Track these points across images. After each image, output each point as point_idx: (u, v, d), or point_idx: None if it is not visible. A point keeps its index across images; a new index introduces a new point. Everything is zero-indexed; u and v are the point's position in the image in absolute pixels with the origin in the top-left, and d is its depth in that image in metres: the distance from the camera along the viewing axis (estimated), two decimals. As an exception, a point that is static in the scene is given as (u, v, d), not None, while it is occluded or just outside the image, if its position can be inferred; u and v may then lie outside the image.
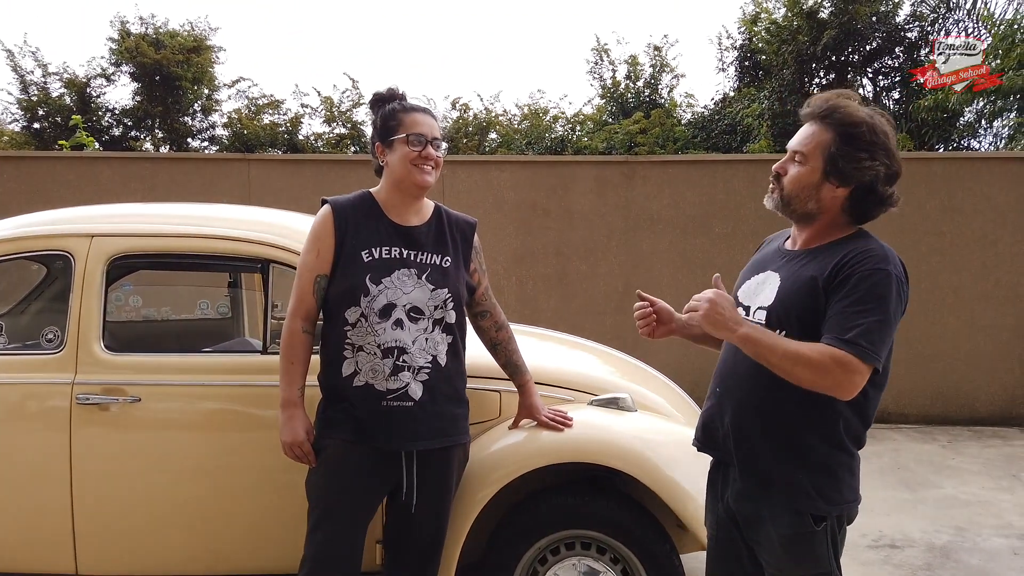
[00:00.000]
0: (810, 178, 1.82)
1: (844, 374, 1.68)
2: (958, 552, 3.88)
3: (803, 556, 1.83)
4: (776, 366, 1.74)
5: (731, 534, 1.97)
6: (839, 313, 1.72)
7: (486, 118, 13.11)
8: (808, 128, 1.85)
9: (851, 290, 1.71)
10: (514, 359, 2.59)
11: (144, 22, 15.42)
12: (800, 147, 1.84)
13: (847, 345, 1.68)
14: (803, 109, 1.89)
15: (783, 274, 1.88)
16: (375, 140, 2.37)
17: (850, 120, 1.79)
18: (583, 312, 6.67)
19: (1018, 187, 6.46)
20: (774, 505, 1.83)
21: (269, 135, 12.03)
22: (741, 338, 1.77)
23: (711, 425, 1.97)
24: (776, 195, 1.89)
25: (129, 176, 6.69)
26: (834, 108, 1.82)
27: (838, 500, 1.82)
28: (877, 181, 1.79)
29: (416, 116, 2.32)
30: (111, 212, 2.96)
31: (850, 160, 1.78)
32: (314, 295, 2.30)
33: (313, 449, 2.31)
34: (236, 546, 2.69)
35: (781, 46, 11.39)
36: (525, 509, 2.65)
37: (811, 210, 1.85)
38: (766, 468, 1.84)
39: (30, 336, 2.97)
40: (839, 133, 1.79)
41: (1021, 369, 6.49)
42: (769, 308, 1.85)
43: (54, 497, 2.62)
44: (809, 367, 1.70)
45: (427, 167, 2.30)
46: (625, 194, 6.72)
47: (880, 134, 1.79)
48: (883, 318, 1.70)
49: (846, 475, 1.83)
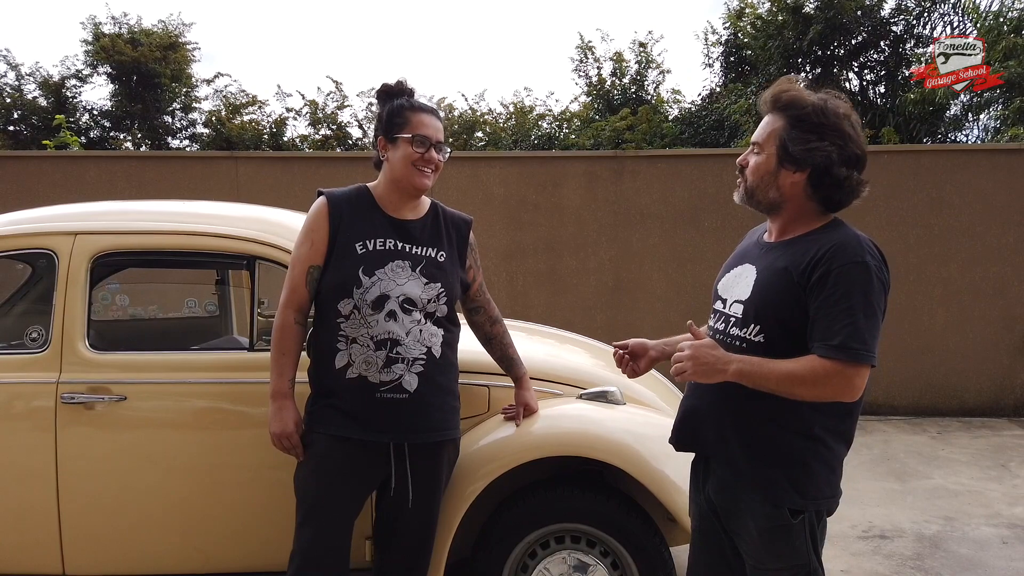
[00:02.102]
0: (767, 166, 1.84)
1: (842, 381, 1.67)
2: (947, 542, 3.90)
3: (781, 548, 1.82)
4: (776, 391, 1.73)
5: (713, 526, 1.97)
6: (824, 316, 1.70)
7: (472, 118, 13.07)
8: (765, 119, 1.88)
9: (831, 290, 1.70)
10: (509, 353, 2.60)
11: (117, 21, 15.39)
12: (758, 138, 1.87)
13: (837, 352, 1.67)
14: (760, 103, 1.90)
15: (759, 266, 1.88)
16: (379, 133, 2.35)
17: (797, 104, 1.81)
18: (574, 307, 6.67)
19: (1005, 179, 6.49)
20: (751, 498, 1.83)
21: (252, 136, 11.97)
22: (735, 376, 1.76)
23: (687, 421, 1.97)
24: (741, 188, 1.91)
25: (116, 175, 6.66)
26: (782, 94, 1.84)
27: (814, 494, 1.79)
28: (831, 163, 1.78)
29: (423, 117, 2.31)
30: (95, 210, 2.94)
31: (799, 143, 1.78)
32: (307, 286, 2.29)
33: (301, 443, 2.30)
34: (224, 544, 2.67)
35: (767, 41, 11.41)
36: (514, 504, 2.64)
37: (773, 198, 1.85)
38: (741, 462, 1.84)
39: (14, 336, 2.95)
40: (788, 118, 1.81)
41: (1009, 360, 6.53)
42: (746, 301, 1.85)
43: (40, 497, 2.60)
44: (806, 385, 1.69)
45: (427, 170, 2.30)
46: (615, 189, 6.72)
47: (831, 116, 1.79)
48: (868, 313, 1.68)
49: (822, 469, 1.80)
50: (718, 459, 1.90)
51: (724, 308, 1.91)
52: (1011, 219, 6.48)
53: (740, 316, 1.84)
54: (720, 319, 1.92)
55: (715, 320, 1.94)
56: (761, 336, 1.80)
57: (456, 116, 12.94)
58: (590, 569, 2.63)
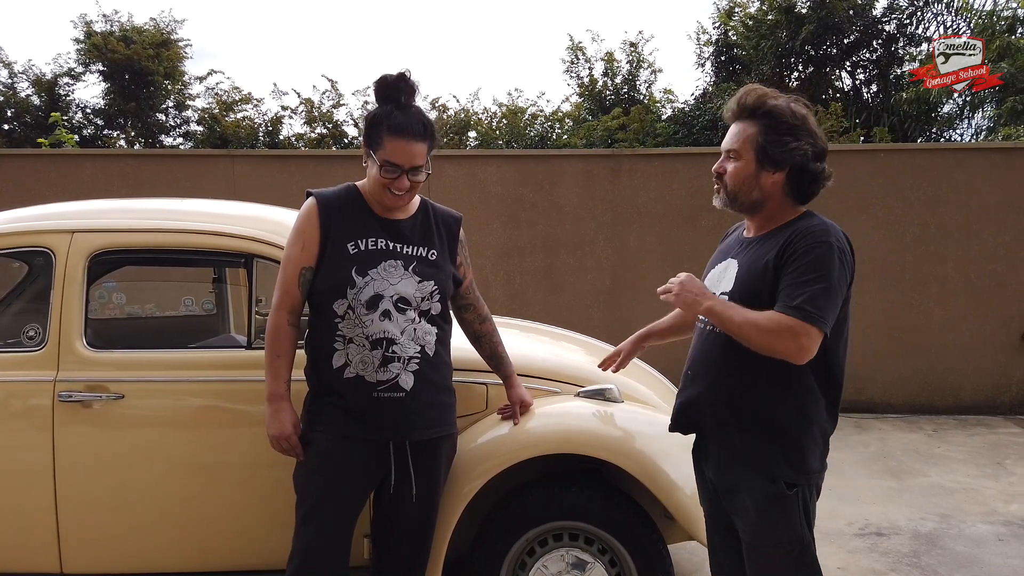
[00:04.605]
0: (747, 170, 1.97)
1: (792, 338, 1.82)
2: (943, 539, 3.92)
3: (777, 521, 1.94)
4: (736, 335, 1.88)
5: (722, 508, 2.09)
6: (788, 285, 1.86)
7: (465, 118, 13.03)
8: (735, 127, 2.00)
9: (796, 263, 1.86)
10: (498, 351, 2.59)
11: (108, 19, 15.33)
12: (732, 145, 1.99)
13: (794, 311, 1.82)
14: (726, 112, 2.04)
15: (741, 260, 2.02)
16: (363, 137, 2.32)
17: (771, 110, 1.94)
18: (571, 306, 6.67)
19: (1000, 178, 6.51)
20: (748, 474, 1.95)
21: (248, 134, 11.92)
22: (706, 310, 1.93)
23: (687, 407, 2.08)
24: (722, 193, 2.03)
25: (112, 173, 6.64)
26: (754, 102, 1.96)
27: (806, 469, 1.93)
28: (807, 160, 1.93)
29: (398, 144, 2.19)
30: (92, 208, 2.93)
31: (778, 145, 1.93)
32: (299, 288, 2.29)
33: (300, 443, 2.30)
34: (223, 542, 2.67)
35: (760, 41, 11.42)
36: (513, 501, 2.64)
37: (756, 199, 1.99)
38: (739, 441, 1.96)
39: (12, 334, 2.94)
40: (763, 124, 1.94)
41: (1005, 358, 6.55)
42: (730, 293, 1.98)
43: (38, 496, 2.60)
44: (761, 332, 1.84)
45: (399, 192, 2.26)
46: (612, 188, 6.72)
47: (800, 117, 1.94)
48: (827, 285, 1.83)
49: (813, 445, 1.94)
50: (717, 442, 2.02)
51: None
52: (1007, 217, 6.50)
53: None
54: None
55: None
56: None
57: (449, 116, 12.90)
58: (588, 566, 2.63)
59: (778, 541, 1.95)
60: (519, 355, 2.71)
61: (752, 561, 2.00)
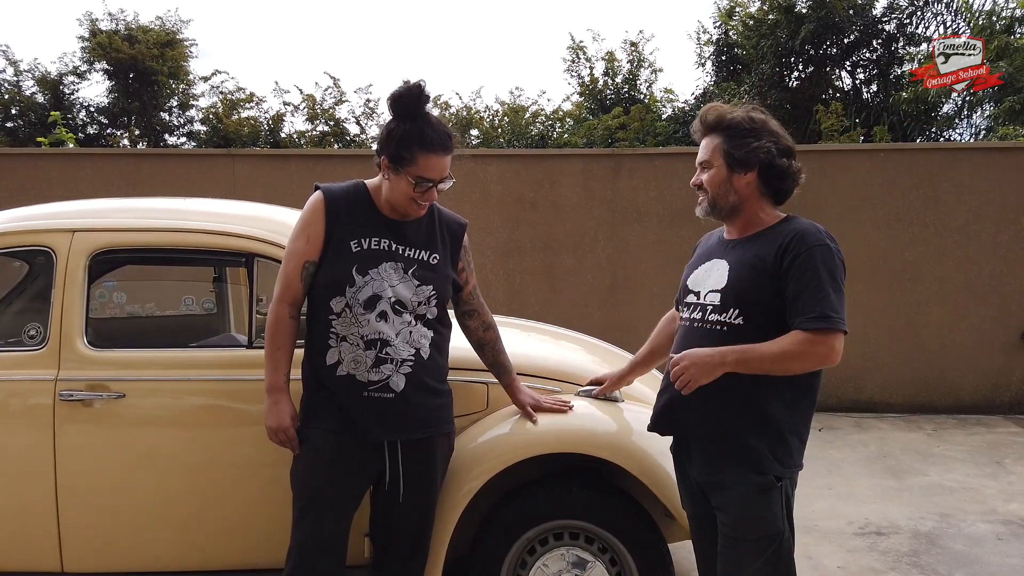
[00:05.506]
0: (720, 175, 2.10)
1: (825, 348, 1.91)
2: (943, 538, 3.92)
3: (759, 516, 1.99)
4: (771, 372, 1.95)
5: (708, 510, 2.12)
6: (800, 295, 1.93)
7: (467, 116, 13.03)
8: (704, 142, 2.15)
9: (803, 272, 1.94)
10: (501, 359, 2.58)
11: (113, 18, 15.32)
12: (703, 157, 2.14)
13: (817, 322, 1.91)
14: (693, 131, 2.19)
15: (730, 259, 2.09)
16: (382, 151, 2.25)
17: (729, 120, 2.09)
18: (571, 305, 6.68)
19: (999, 177, 6.51)
20: (735, 468, 2.01)
21: (250, 132, 11.91)
22: (733, 365, 1.95)
23: (667, 412, 2.14)
24: (705, 202, 2.15)
25: (112, 172, 6.64)
26: (715, 119, 2.11)
27: (789, 463, 2.02)
28: (773, 156, 2.06)
29: (432, 160, 2.20)
30: (93, 207, 2.93)
31: (741, 147, 2.06)
32: (301, 281, 2.29)
33: (297, 436, 2.31)
34: (222, 541, 2.67)
35: (760, 40, 11.41)
36: (513, 500, 2.65)
37: (733, 202, 2.10)
38: (725, 438, 2.02)
39: (13, 333, 2.94)
40: (725, 133, 2.09)
41: (1004, 357, 6.56)
42: (723, 290, 2.05)
43: (38, 494, 2.60)
44: (796, 358, 1.92)
45: (424, 203, 2.28)
46: (612, 187, 6.72)
47: (757, 121, 2.08)
48: (836, 287, 1.94)
49: (794, 440, 2.03)
50: (702, 439, 2.09)
51: (699, 299, 2.11)
52: (1005, 217, 6.51)
53: (718, 303, 2.05)
54: (696, 310, 2.11)
55: (690, 311, 2.14)
56: (740, 318, 2.00)
57: (452, 114, 12.90)
58: (588, 565, 2.63)
59: (760, 534, 2.00)
60: (519, 354, 2.71)
61: (730, 555, 2.03)
